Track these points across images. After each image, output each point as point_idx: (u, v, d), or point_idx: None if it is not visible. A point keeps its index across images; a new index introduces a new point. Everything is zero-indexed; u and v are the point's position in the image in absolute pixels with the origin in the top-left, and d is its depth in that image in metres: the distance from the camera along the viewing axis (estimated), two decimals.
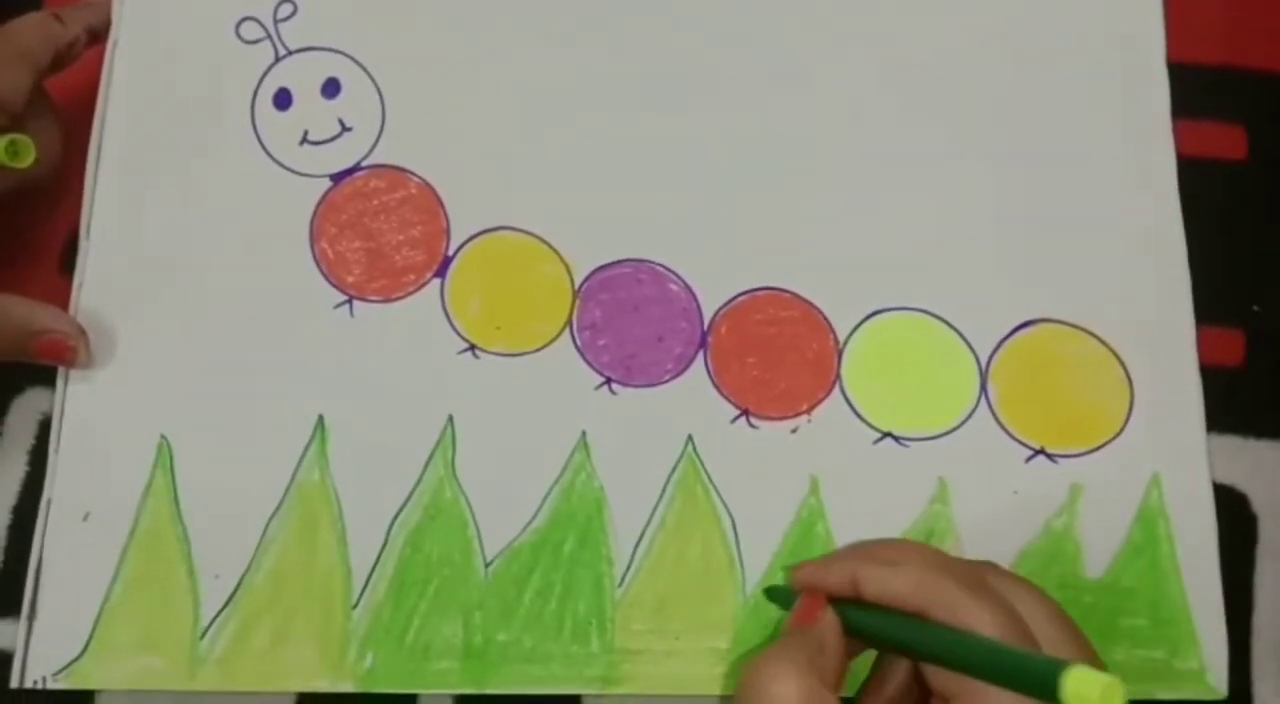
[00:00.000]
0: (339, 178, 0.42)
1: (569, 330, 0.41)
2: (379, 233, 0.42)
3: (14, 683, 0.38)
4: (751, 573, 0.39)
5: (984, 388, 0.41)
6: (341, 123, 0.43)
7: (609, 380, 0.41)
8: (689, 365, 0.41)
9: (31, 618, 0.38)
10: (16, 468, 0.41)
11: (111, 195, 0.42)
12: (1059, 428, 0.40)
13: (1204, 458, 0.40)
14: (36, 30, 0.40)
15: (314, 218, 0.42)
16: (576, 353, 0.41)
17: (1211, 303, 0.42)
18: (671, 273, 0.42)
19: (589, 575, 0.39)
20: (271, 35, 0.43)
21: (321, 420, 0.40)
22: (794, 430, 0.40)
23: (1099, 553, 0.39)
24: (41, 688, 0.37)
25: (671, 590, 0.39)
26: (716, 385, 0.41)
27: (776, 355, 0.41)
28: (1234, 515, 0.41)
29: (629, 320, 0.41)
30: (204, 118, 0.43)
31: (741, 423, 0.40)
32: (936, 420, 0.40)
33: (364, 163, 0.42)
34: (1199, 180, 0.43)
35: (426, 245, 0.42)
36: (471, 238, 0.42)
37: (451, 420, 0.40)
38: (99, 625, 0.38)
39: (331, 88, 0.43)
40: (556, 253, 0.42)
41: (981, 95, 0.44)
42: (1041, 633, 0.31)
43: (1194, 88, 0.44)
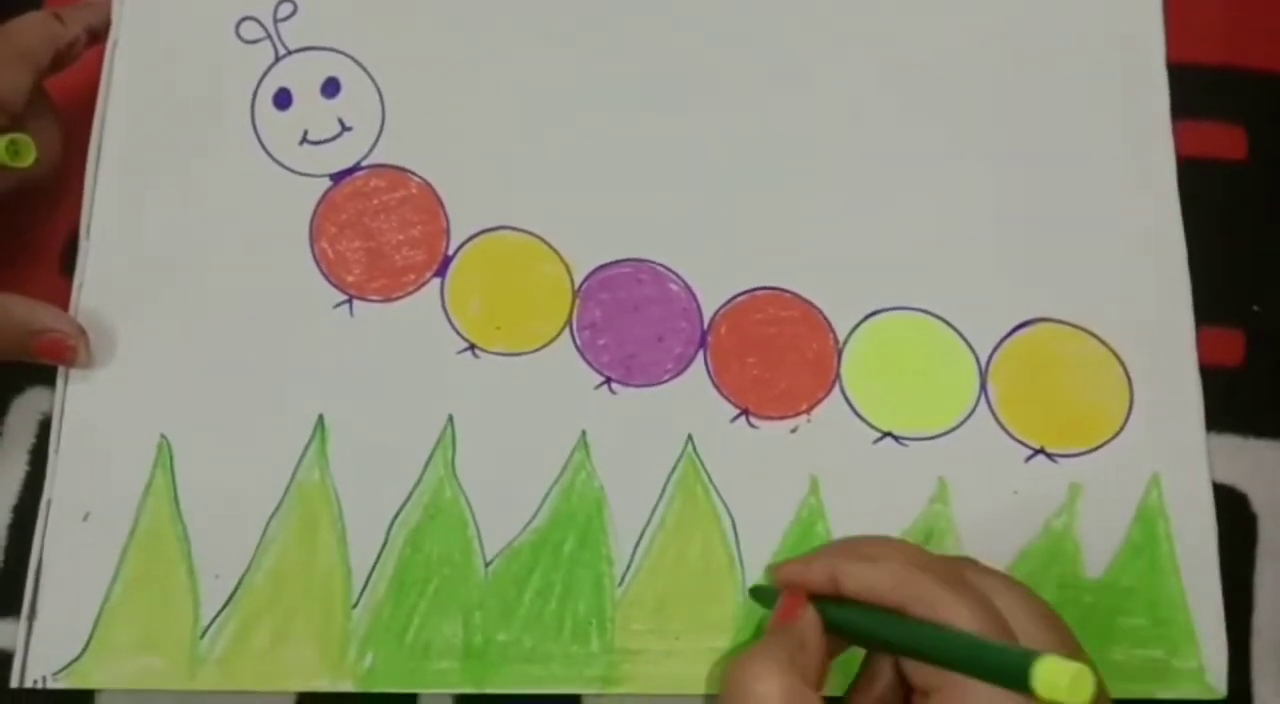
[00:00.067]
0: (339, 177, 0.42)
1: (569, 330, 0.41)
2: (379, 232, 0.42)
3: (14, 682, 0.38)
4: (751, 573, 0.39)
5: (984, 387, 0.41)
6: (341, 122, 0.43)
7: (609, 380, 0.41)
8: (689, 365, 0.41)
9: (32, 617, 0.38)
10: (17, 467, 0.41)
11: (111, 195, 0.42)
12: (1059, 427, 0.40)
13: (1204, 458, 0.40)
14: (37, 30, 0.40)
15: (314, 217, 0.42)
16: (576, 352, 0.41)
17: (1211, 303, 0.42)
18: (671, 273, 0.42)
19: (589, 575, 0.39)
20: (271, 35, 0.43)
21: (321, 420, 0.40)
22: (794, 430, 0.40)
23: (1098, 552, 0.39)
24: (41, 687, 0.38)
25: (671, 590, 0.39)
26: (716, 385, 0.41)
27: (776, 355, 0.41)
28: (1234, 515, 0.41)
29: (629, 320, 0.41)
30: (204, 117, 0.43)
31: (741, 422, 0.40)
32: (936, 420, 0.40)
33: (364, 162, 0.42)
34: (1199, 180, 0.43)
35: (426, 245, 0.42)
36: (471, 237, 0.42)
37: (451, 420, 0.40)
38: (99, 625, 0.38)
39: (331, 87, 0.43)
40: (556, 253, 0.42)
41: (981, 95, 0.44)
42: (1020, 627, 0.31)
43: (1194, 88, 0.44)
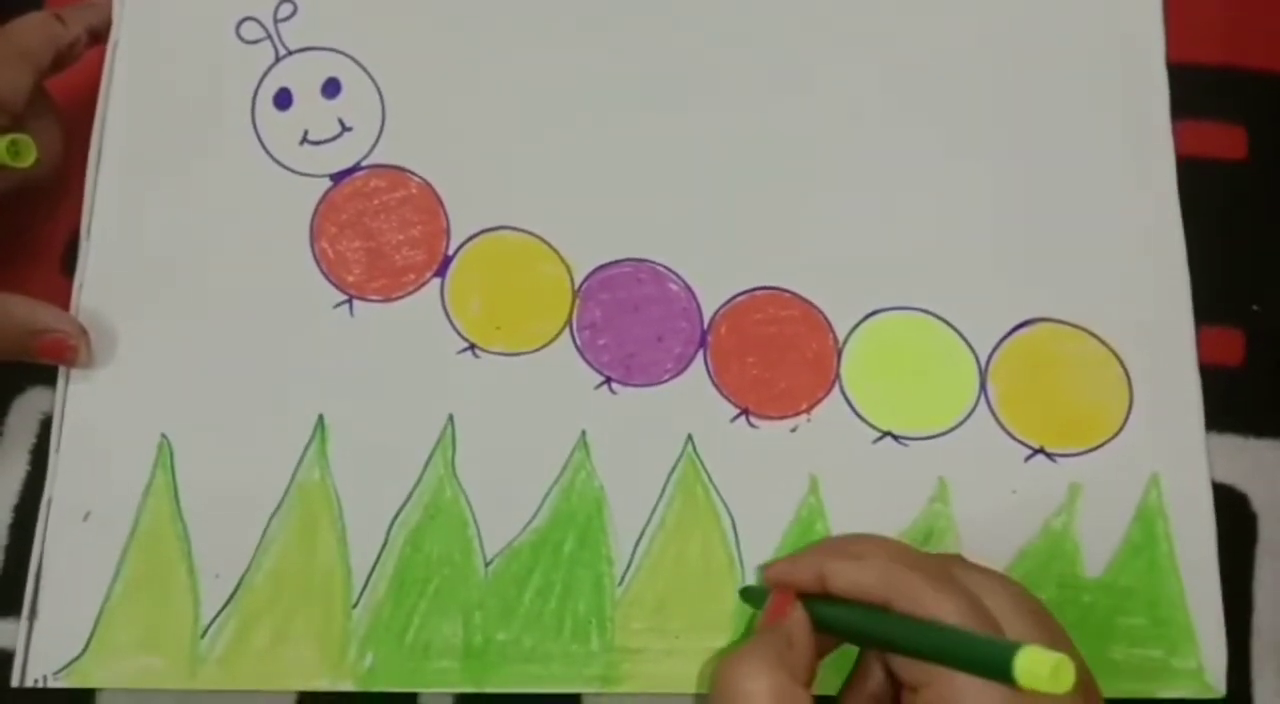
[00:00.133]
0: (339, 177, 0.42)
1: (569, 330, 0.41)
2: (379, 232, 0.42)
3: (14, 682, 0.38)
4: (751, 572, 0.39)
5: (983, 387, 0.41)
6: (341, 123, 0.43)
7: (609, 380, 0.41)
8: (689, 365, 0.41)
9: (32, 617, 0.38)
10: (17, 467, 0.41)
11: (112, 195, 0.42)
12: (1058, 427, 0.40)
13: (1203, 457, 0.40)
14: (37, 30, 0.40)
15: (314, 217, 0.42)
16: (576, 352, 0.41)
17: (1211, 303, 0.42)
18: (671, 272, 0.42)
19: (589, 575, 0.39)
20: (272, 35, 0.43)
21: (321, 420, 0.40)
22: (794, 430, 0.40)
23: (1098, 552, 0.39)
24: (42, 687, 0.38)
25: (671, 589, 0.39)
26: (716, 385, 0.41)
27: (776, 355, 0.41)
28: (1234, 515, 0.41)
29: (629, 320, 0.41)
30: (204, 118, 0.43)
31: (741, 422, 0.40)
32: (936, 420, 0.40)
33: (364, 162, 0.42)
34: (1199, 180, 0.43)
35: (426, 245, 0.42)
36: (471, 237, 0.42)
37: (451, 420, 0.40)
38: (99, 624, 0.38)
39: (332, 88, 0.43)
40: (556, 252, 0.42)
41: (981, 95, 0.44)
42: (1008, 623, 0.31)
43: (1194, 88, 0.44)
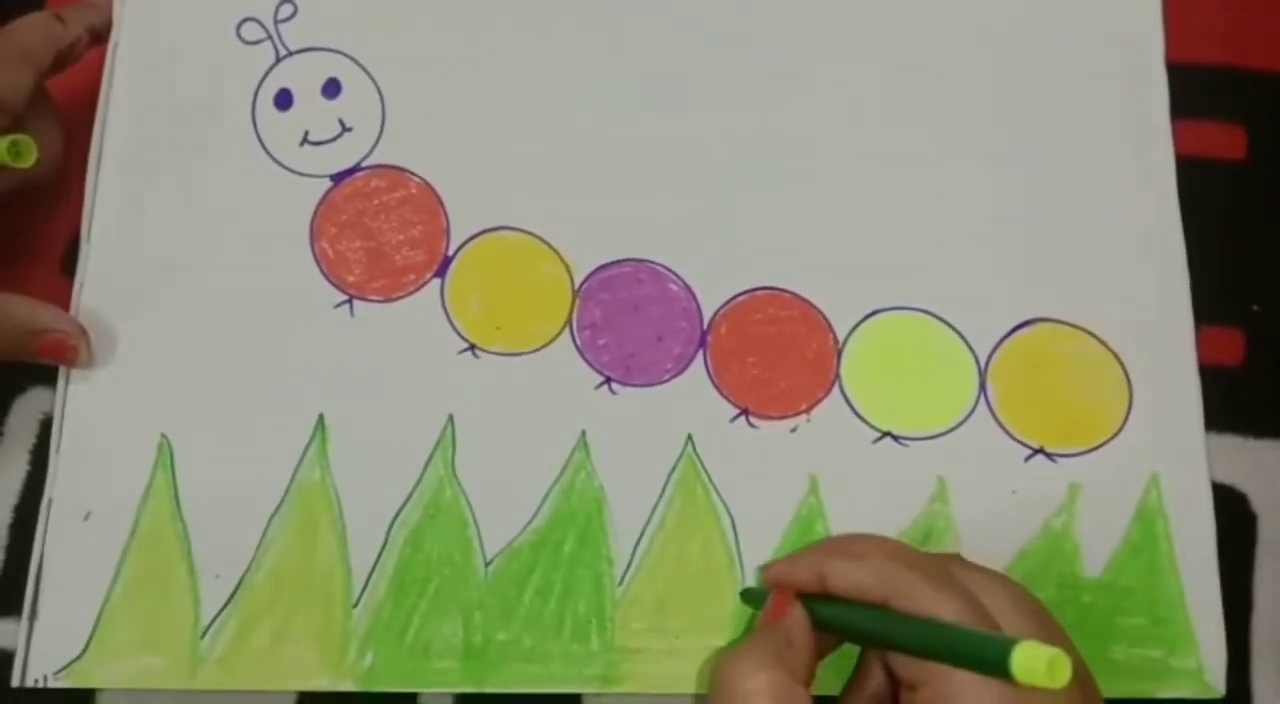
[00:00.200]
0: (339, 178, 0.42)
1: (569, 330, 0.41)
2: (379, 232, 0.42)
3: (15, 682, 0.38)
4: (751, 572, 0.39)
5: (983, 387, 0.41)
6: (342, 123, 0.43)
7: (609, 380, 0.41)
8: (689, 365, 0.41)
9: (32, 617, 0.38)
10: (18, 467, 0.41)
11: (112, 195, 0.42)
12: (1058, 427, 0.40)
13: (1203, 457, 0.40)
14: (38, 31, 0.40)
15: (314, 218, 0.42)
16: (576, 352, 0.41)
17: (1211, 303, 0.42)
18: (671, 272, 0.42)
19: (589, 575, 0.39)
20: (272, 36, 0.43)
21: (322, 420, 0.40)
22: (793, 430, 0.40)
23: (1097, 552, 0.39)
24: (42, 687, 0.38)
25: (671, 589, 0.39)
26: (716, 385, 0.41)
27: (776, 355, 0.41)
28: (1234, 515, 0.41)
29: (629, 320, 0.41)
30: (205, 118, 0.43)
31: (741, 422, 0.40)
32: (936, 420, 0.40)
33: (364, 163, 0.42)
34: (1199, 180, 0.43)
35: (426, 245, 0.42)
36: (471, 237, 0.42)
37: (451, 420, 0.40)
38: (100, 625, 0.38)
39: (332, 88, 0.43)
40: (556, 253, 0.42)
41: (981, 95, 0.44)
42: (1006, 621, 0.31)
43: (1194, 88, 0.44)
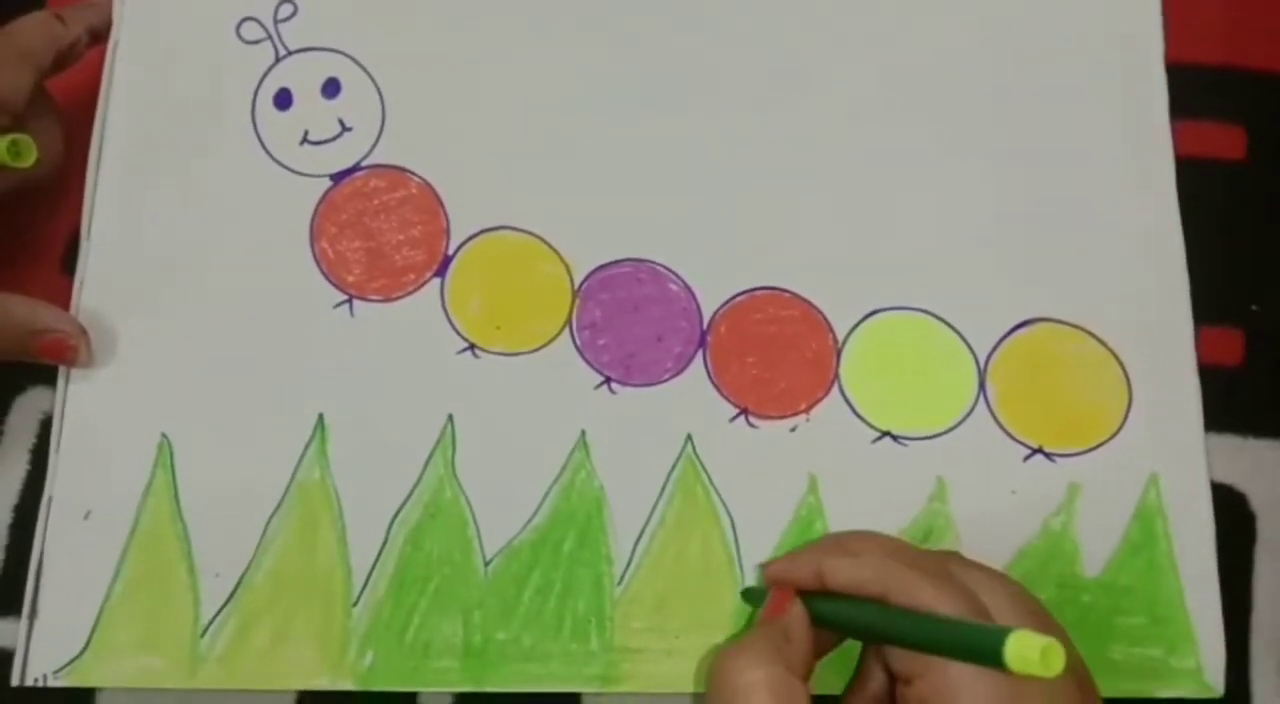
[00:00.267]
0: (339, 177, 0.42)
1: (569, 330, 0.41)
2: (379, 232, 0.42)
3: (15, 681, 0.38)
4: (750, 572, 0.39)
5: (982, 387, 0.41)
6: (342, 123, 0.43)
7: (609, 379, 0.41)
8: (688, 364, 0.41)
9: (32, 616, 0.38)
10: (18, 467, 0.41)
11: (112, 195, 0.42)
12: (1057, 427, 0.40)
13: (1202, 457, 0.40)
14: (38, 30, 0.40)
15: (314, 217, 0.42)
16: (576, 352, 0.41)
17: (1211, 303, 0.42)
18: (671, 272, 0.42)
19: (588, 574, 0.39)
20: (272, 35, 0.43)
21: (322, 419, 0.40)
22: (793, 429, 0.40)
23: (1097, 552, 0.39)
24: (42, 686, 0.38)
25: (671, 589, 0.39)
26: (716, 384, 0.41)
27: (776, 354, 0.41)
28: (1233, 514, 0.41)
29: (629, 320, 0.41)
30: (205, 118, 0.43)
31: (741, 422, 0.40)
32: (935, 419, 0.40)
33: (364, 162, 0.43)
34: (1198, 180, 0.43)
35: (426, 245, 0.42)
36: (471, 237, 0.42)
37: (451, 419, 0.40)
38: (99, 624, 0.38)
39: (332, 88, 0.43)
40: (556, 252, 0.42)
41: (981, 95, 0.44)
42: (1004, 618, 0.31)
43: (1194, 88, 0.44)
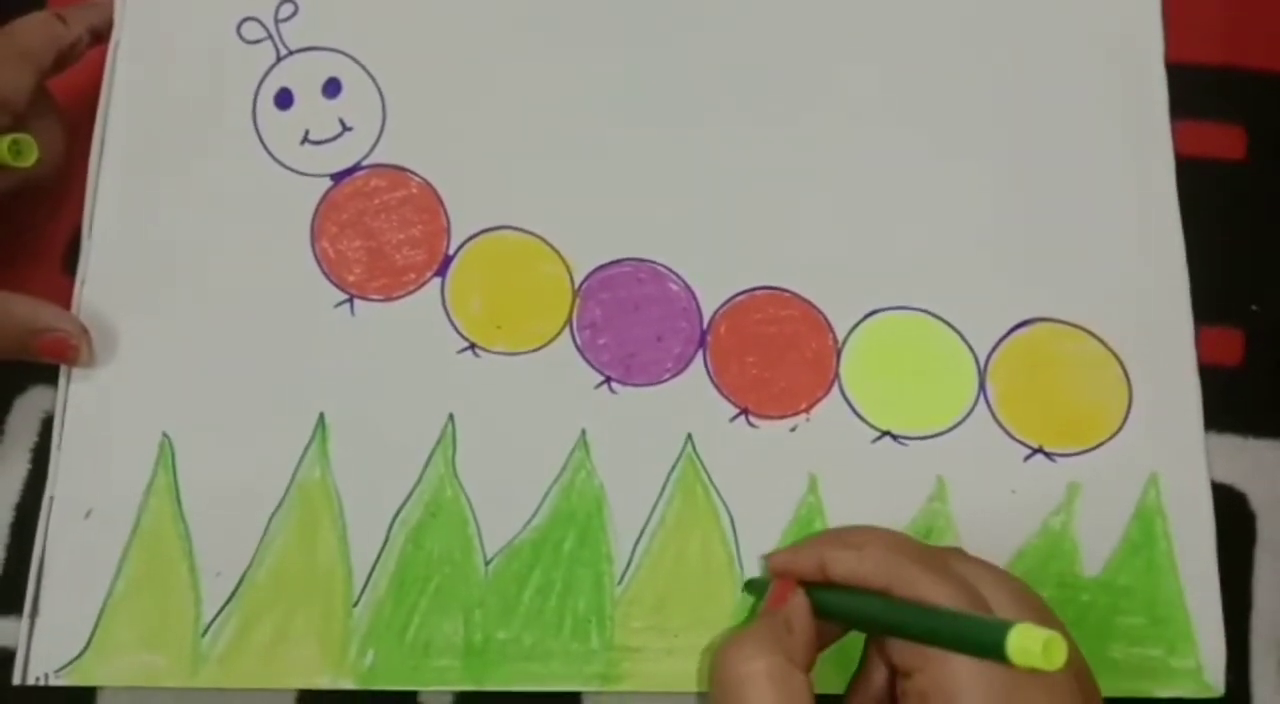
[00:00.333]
0: (340, 177, 0.42)
1: (569, 329, 0.41)
2: (379, 232, 0.42)
3: (16, 680, 0.38)
4: (750, 571, 0.39)
5: (982, 387, 0.41)
6: (342, 122, 0.43)
7: (609, 379, 0.41)
8: (688, 364, 0.41)
9: (33, 615, 0.38)
10: (19, 466, 0.41)
11: (113, 194, 0.42)
12: (1057, 427, 0.40)
13: (1202, 457, 0.40)
14: (39, 30, 0.40)
15: (315, 217, 0.42)
16: (576, 352, 0.41)
17: (1211, 303, 0.42)
18: (671, 272, 0.42)
19: (589, 573, 0.39)
20: (273, 35, 0.43)
21: (322, 418, 0.40)
22: (793, 429, 0.40)
23: (1097, 551, 0.39)
24: (43, 685, 0.38)
25: (671, 588, 0.39)
26: (716, 384, 0.41)
27: (776, 354, 0.41)
28: (1233, 514, 0.41)
29: (629, 319, 0.41)
30: (205, 117, 0.43)
31: (741, 421, 0.40)
32: (935, 419, 0.40)
33: (365, 162, 0.43)
34: (1198, 180, 0.43)
35: (427, 244, 0.42)
36: (472, 237, 0.42)
37: (452, 419, 0.40)
38: (101, 623, 0.38)
39: (332, 87, 0.43)
40: (557, 252, 0.42)
41: (981, 95, 0.44)
42: (1005, 613, 0.32)
43: (1194, 88, 0.44)
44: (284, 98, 0.43)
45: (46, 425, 0.41)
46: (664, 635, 0.38)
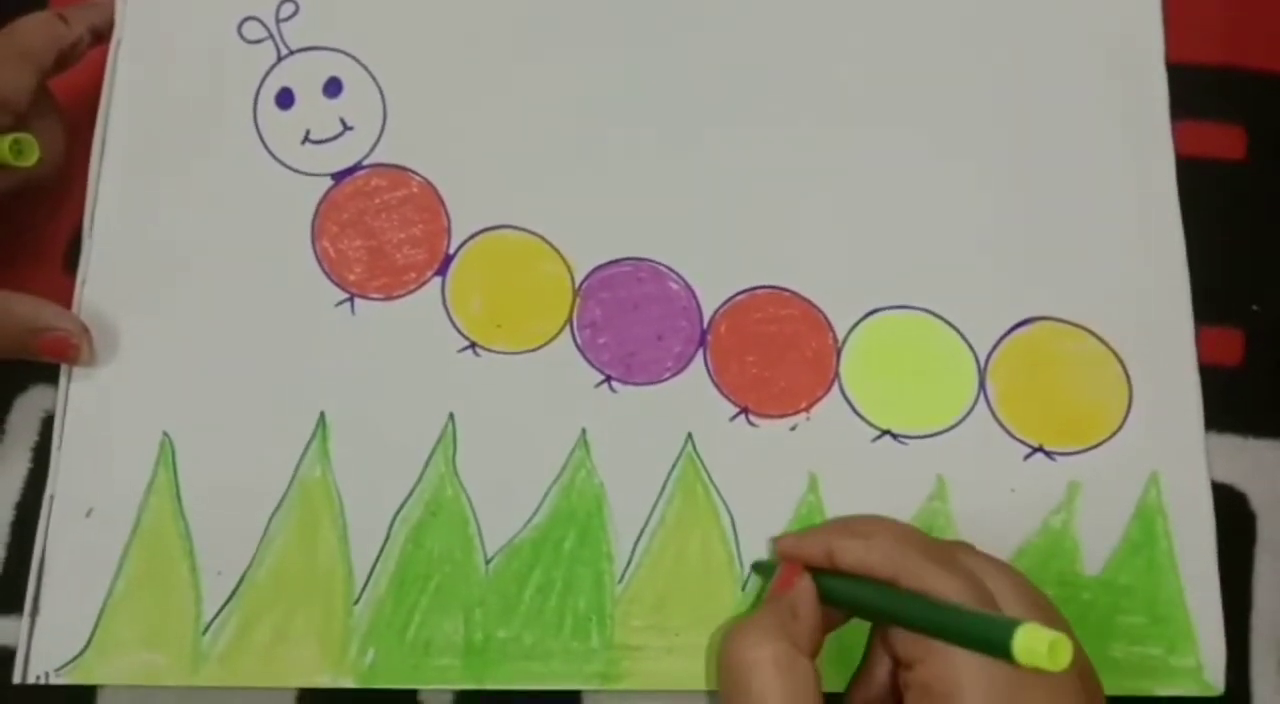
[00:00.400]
0: (340, 176, 0.42)
1: (569, 328, 0.41)
2: (380, 231, 0.42)
3: (16, 679, 0.38)
4: (750, 570, 0.39)
5: (982, 386, 0.41)
6: (343, 122, 0.43)
7: (609, 378, 0.41)
8: (689, 363, 0.41)
9: (34, 614, 0.38)
10: (19, 465, 0.41)
11: (114, 194, 0.42)
12: (1057, 426, 0.40)
13: (1202, 456, 0.40)
14: (40, 30, 0.40)
15: (315, 216, 0.42)
16: (577, 351, 0.41)
17: (1211, 302, 0.42)
18: (671, 271, 0.42)
19: (589, 572, 0.39)
20: (274, 35, 0.44)
21: (323, 417, 0.40)
22: (793, 428, 0.40)
23: (1097, 550, 0.39)
24: (44, 684, 0.38)
25: (671, 587, 0.39)
26: (716, 383, 0.41)
27: (776, 353, 0.41)
28: (1233, 514, 0.41)
29: (629, 319, 0.41)
30: (206, 117, 0.43)
31: (741, 421, 0.40)
32: (935, 418, 0.40)
33: (365, 162, 0.43)
34: (1198, 180, 0.43)
35: (427, 244, 0.42)
36: (472, 236, 0.42)
37: (452, 418, 0.40)
38: (101, 621, 0.38)
39: (333, 87, 0.43)
40: (557, 251, 0.42)
41: (981, 95, 0.44)
42: (1009, 608, 0.32)
43: (1194, 88, 0.44)
44: (285, 97, 0.43)
45: (47, 424, 0.41)
46: (664, 634, 0.38)
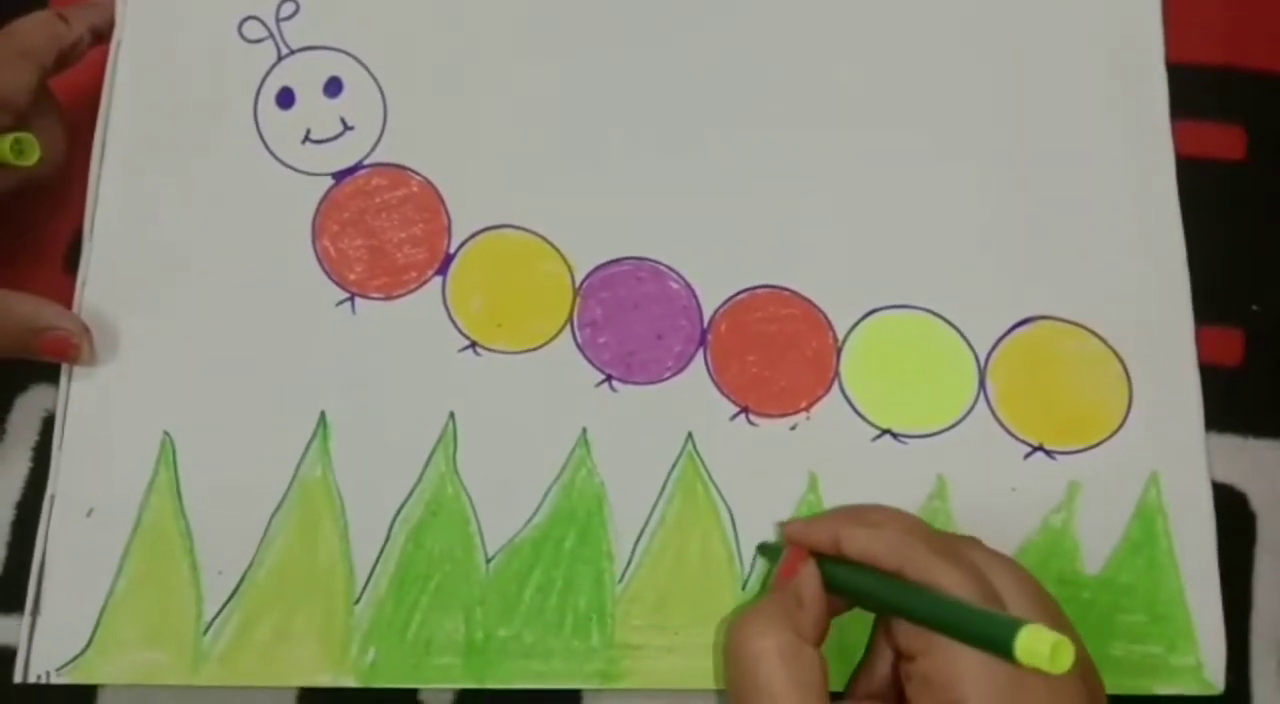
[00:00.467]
0: (341, 176, 0.42)
1: (569, 328, 0.41)
2: (381, 231, 0.42)
3: (17, 678, 0.38)
4: (750, 570, 0.39)
5: (983, 385, 0.41)
6: (344, 121, 0.43)
7: (609, 377, 0.41)
8: (689, 363, 0.41)
9: (35, 613, 0.38)
10: (20, 464, 0.41)
11: (115, 193, 0.42)
12: (1057, 425, 0.40)
13: (1203, 456, 0.40)
14: (41, 30, 0.40)
15: (316, 216, 0.42)
16: (577, 350, 0.41)
17: (1211, 302, 0.42)
18: (672, 271, 0.42)
19: (589, 571, 0.39)
20: (274, 34, 0.44)
21: (324, 417, 0.40)
22: (793, 427, 0.40)
23: (1097, 549, 0.39)
24: (45, 683, 0.38)
25: (671, 586, 0.39)
26: (716, 383, 0.41)
27: (776, 353, 0.41)
28: (1233, 514, 0.41)
29: (629, 318, 0.41)
30: (207, 117, 0.43)
31: (741, 420, 0.40)
32: (935, 417, 0.41)
33: (366, 161, 0.43)
34: (1198, 180, 0.43)
35: (428, 243, 0.42)
36: (473, 236, 0.42)
37: (453, 417, 0.40)
38: (102, 621, 0.38)
39: (334, 87, 0.43)
40: (557, 251, 0.42)
41: (981, 95, 0.44)
42: (1014, 605, 0.32)
43: (1194, 88, 0.44)
44: (285, 97, 0.43)
45: (48, 424, 0.41)
46: (664, 633, 0.38)
